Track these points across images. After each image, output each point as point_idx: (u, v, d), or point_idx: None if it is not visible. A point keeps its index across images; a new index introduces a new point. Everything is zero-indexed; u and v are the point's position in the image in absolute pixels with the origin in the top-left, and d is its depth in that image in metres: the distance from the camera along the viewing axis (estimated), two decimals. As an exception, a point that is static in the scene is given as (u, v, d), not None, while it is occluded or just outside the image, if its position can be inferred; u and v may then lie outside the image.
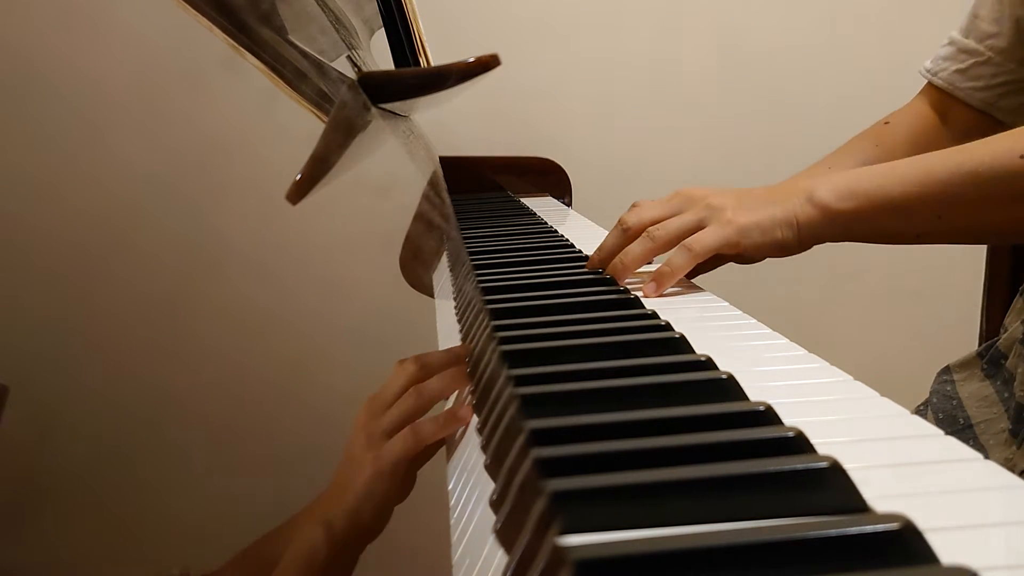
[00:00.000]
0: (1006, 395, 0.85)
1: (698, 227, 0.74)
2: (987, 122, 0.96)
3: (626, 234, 0.76)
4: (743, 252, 0.75)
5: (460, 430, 0.59)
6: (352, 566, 0.68)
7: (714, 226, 0.74)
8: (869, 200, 0.71)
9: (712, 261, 0.77)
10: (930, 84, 1.00)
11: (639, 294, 0.71)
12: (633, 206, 0.79)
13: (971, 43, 0.97)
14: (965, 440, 0.84)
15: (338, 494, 0.67)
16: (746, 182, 1.67)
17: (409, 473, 0.68)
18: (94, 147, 1.52)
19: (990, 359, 0.89)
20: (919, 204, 0.70)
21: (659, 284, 0.74)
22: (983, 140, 0.71)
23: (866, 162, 0.94)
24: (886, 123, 1.00)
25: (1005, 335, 0.88)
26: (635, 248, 0.75)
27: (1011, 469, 0.77)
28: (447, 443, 0.62)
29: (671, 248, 0.75)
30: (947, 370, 0.94)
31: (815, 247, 0.75)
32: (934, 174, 0.70)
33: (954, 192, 0.69)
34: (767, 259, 0.78)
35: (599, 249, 0.78)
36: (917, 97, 1.02)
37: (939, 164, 0.71)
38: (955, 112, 0.98)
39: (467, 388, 0.62)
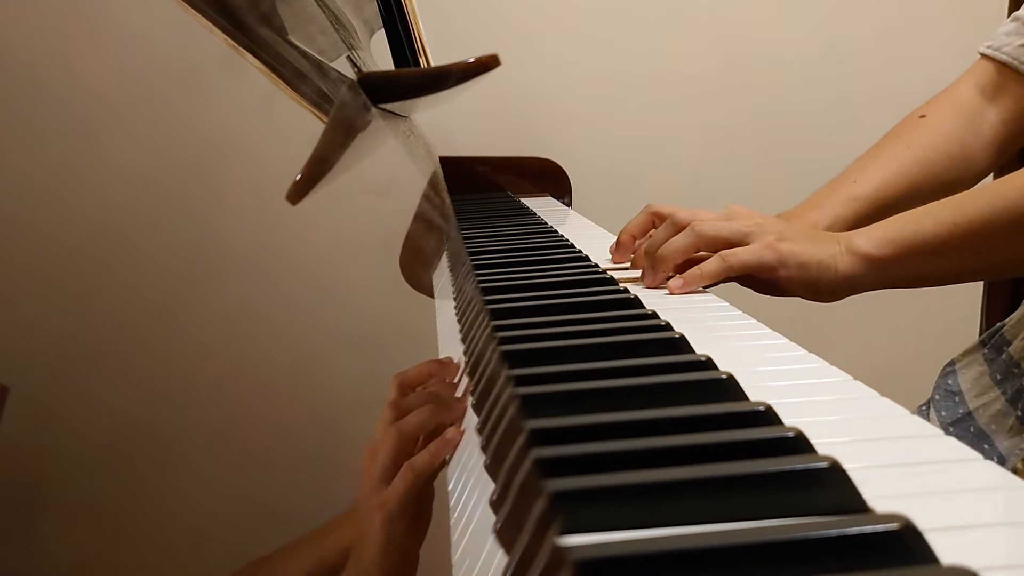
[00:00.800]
0: (999, 377, 0.85)
1: (741, 240, 0.75)
2: None
3: (676, 227, 0.78)
4: (776, 280, 0.75)
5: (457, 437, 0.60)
6: None
7: (756, 245, 0.75)
8: (907, 246, 0.73)
9: (744, 278, 0.78)
10: (987, 60, 0.98)
11: (638, 294, 0.71)
12: (681, 210, 0.81)
13: None
14: (965, 428, 0.85)
15: (359, 551, 0.68)
16: (746, 182, 1.68)
17: (422, 506, 0.68)
18: (93, 149, 1.52)
19: (993, 345, 0.89)
20: (956, 243, 0.72)
21: (686, 283, 0.74)
22: (1011, 175, 0.73)
23: (897, 170, 0.93)
24: (921, 117, 0.99)
25: (1012, 322, 0.88)
26: (679, 240, 0.76)
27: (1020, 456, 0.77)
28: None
29: (713, 249, 0.76)
30: (951, 363, 0.94)
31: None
32: (967, 212, 0.72)
33: (990, 227, 0.71)
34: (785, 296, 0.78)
35: (649, 241, 0.79)
36: (963, 77, 1.00)
37: (971, 202, 0.73)
38: (1013, 89, 0.96)
39: (454, 417, 0.62)
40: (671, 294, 0.74)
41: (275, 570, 0.86)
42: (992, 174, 1.04)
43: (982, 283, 1.12)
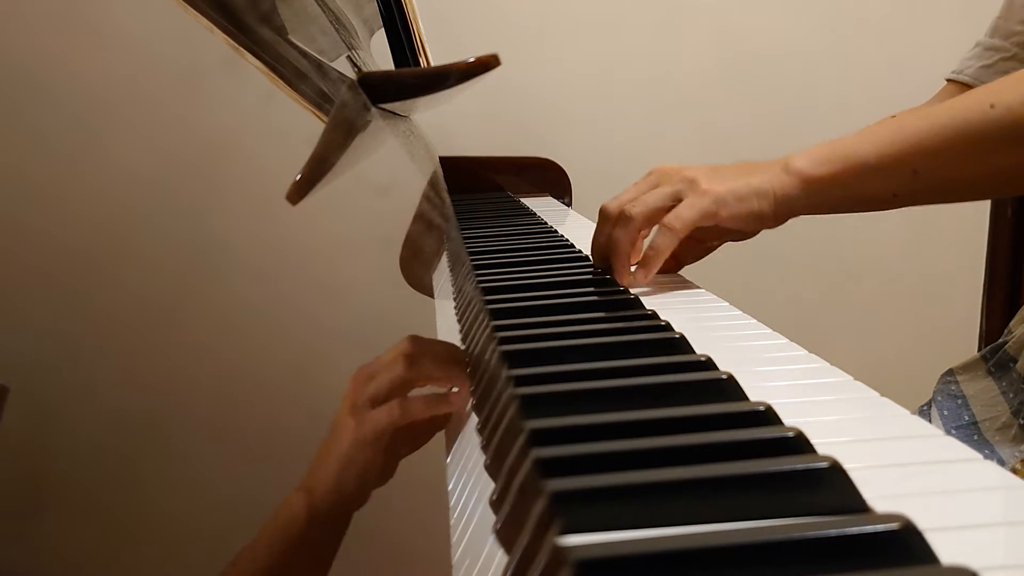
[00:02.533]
0: (1011, 395, 0.85)
1: (674, 200, 0.74)
2: None
3: (609, 220, 0.76)
4: (721, 222, 0.74)
5: (456, 430, 0.59)
6: (339, 536, 0.69)
7: (690, 198, 0.73)
8: (844, 163, 0.71)
9: (700, 244, 0.77)
10: (952, 83, 1.00)
11: (638, 294, 0.71)
12: (608, 202, 0.80)
13: (997, 41, 0.97)
14: (969, 436, 0.85)
15: (320, 461, 0.67)
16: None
17: (392, 453, 0.68)
18: (93, 149, 1.51)
19: (997, 362, 0.89)
20: (894, 162, 0.70)
21: (647, 268, 0.73)
22: (960, 95, 0.71)
23: None
24: (892, 117, 1.00)
25: (1013, 339, 0.88)
26: (618, 233, 0.75)
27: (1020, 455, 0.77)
28: (446, 441, 0.62)
29: (652, 224, 0.75)
30: (950, 372, 0.94)
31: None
32: (907, 130, 0.70)
33: (929, 146, 0.69)
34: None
35: (592, 247, 0.78)
36: (930, 102, 1.01)
37: (912, 121, 0.71)
38: None
39: (462, 383, 0.62)
40: (641, 284, 0.73)
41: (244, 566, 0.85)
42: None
43: (982, 283, 1.12)
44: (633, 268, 0.75)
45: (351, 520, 0.69)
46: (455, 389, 0.63)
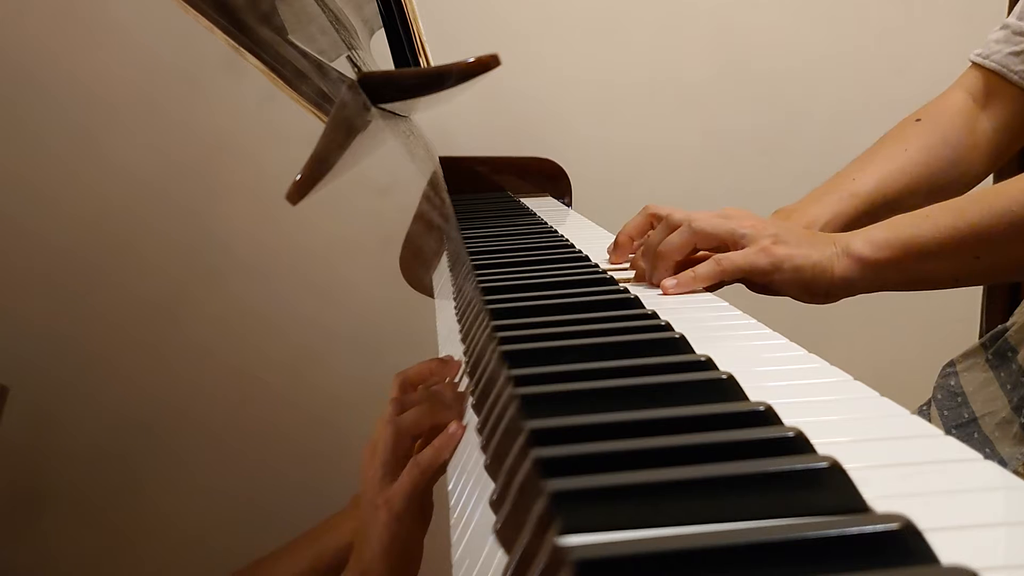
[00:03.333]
0: (1008, 387, 0.85)
1: (737, 242, 0.75)
2: None
3: (671, 227, 0.77)
4: (770, 283, 0.75)
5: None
6: None
7: (751, 248, 0.74)
8: (905, 249, 0.72)
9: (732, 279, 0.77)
10: (977, 68, 0.98)
11: (637, 294, 0.71)
12: (678, 210, 0.81)
13: None
14: (969, 434, 0.85)
15: (363, 549, 0.67)
16: (745, 183, 1.68)
17: (425, 501, 0.68)
18: (91, 150, 1.51)
19: (996, 351, 0.89)
20: (956, 249, 0.71)
21: (680, 285, 0.75)
22: (1011, 179, 0.72)
23: (895, 171, 0.93)
24: (917, 120, 0.99)
25: (1015, 328, 0.88)
26: (675, 237, 0.76)
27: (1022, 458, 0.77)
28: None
29: (709, 246, 0.76)
30: (951, 364, 0.94)
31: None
32: (967, 216, 0.71)
33: (988, 231, 0.71)
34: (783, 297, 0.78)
35: (646, 242, 0.79)
36: (955, 85, 1.00)
37: (970, 206, 0.72)
38: (1003, 97, 0.97)
39: (445, 414, 0.62)
40: (665, 294, 0.74)
41: (271, 572, 0.86)
42: (992, 176, 1.04)
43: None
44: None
45: None
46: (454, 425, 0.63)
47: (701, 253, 0.78)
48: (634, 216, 0.88)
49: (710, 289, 0.77)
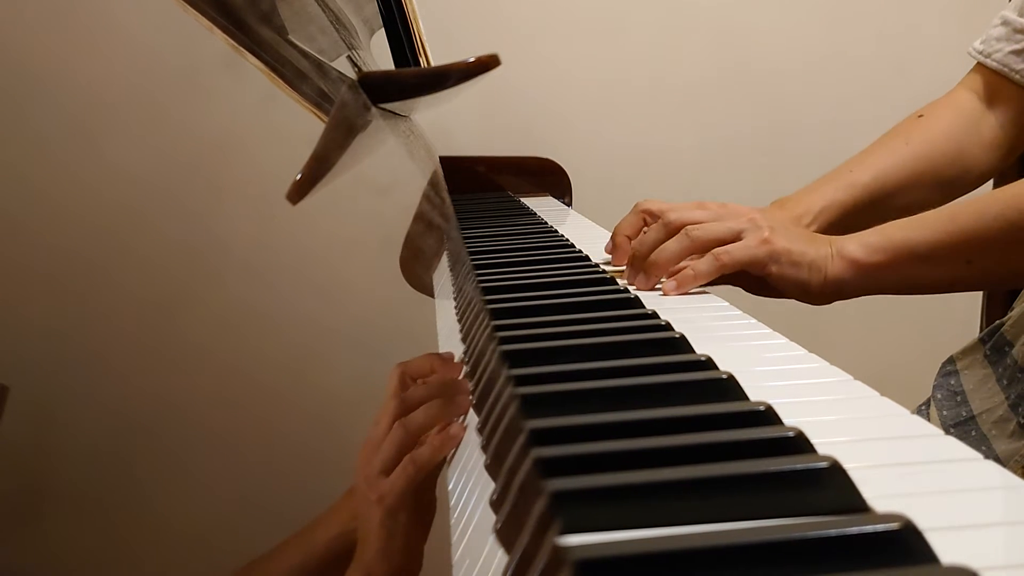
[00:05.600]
0: (1005, 382, 0.85)
1: (734, 238, 0.75)
2: None
3: (667, 229, 0.77)
4: (768, 276, 0.75)
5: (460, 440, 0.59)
6: None
7: (749, 241, 0.74)
8: (897, 252, 0.72)
9: (735, 277, 0.77)
10: (979, 67, 0.98)
11: (638, 294, 0.71)
12: (672, 209, 0.80)
13: None
14: (967, 432, 0.85)
15: (363, 549, 0.67)
16: (745, 182, 1.68)
17: (423, 499, 0.67)
18: (91, 150, 1.51)
19: (993, 345, 0.88)
20: (948, 253, 0.71)
21: (680, 284, 0.74)
22: (1008, 185, 0.72)
23: (895, 163, 0.93)
24: (920, 116, 0.99)
25: (1011, 321, 0.88)
26: (672, 245, 0.76)
27: (1020, 460, 0.77)
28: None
29: (706, 250, 0.75)
30: (951, 361, 0.93)
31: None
32: (959, 221, 0.71)
33: (982, 236, 0.70)
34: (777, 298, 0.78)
35: (639, 241, 0.78)
36: (959, 85, 1.00)
37: (963, 211, 0.72)
38: (1007, 96, 0.96)
39: (454, 414, 0.62)
40: (665, 294, 0.74)
41: (268, 569, 0.86)
42: (993, 181, 1.04)
43: (981, 284, 1.12)
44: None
45: None
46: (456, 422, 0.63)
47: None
48: (627, 214, 0.87)
49: (709, 284, 0.76)
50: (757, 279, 0.76)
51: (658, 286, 0.76)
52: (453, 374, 0.66)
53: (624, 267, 0.86)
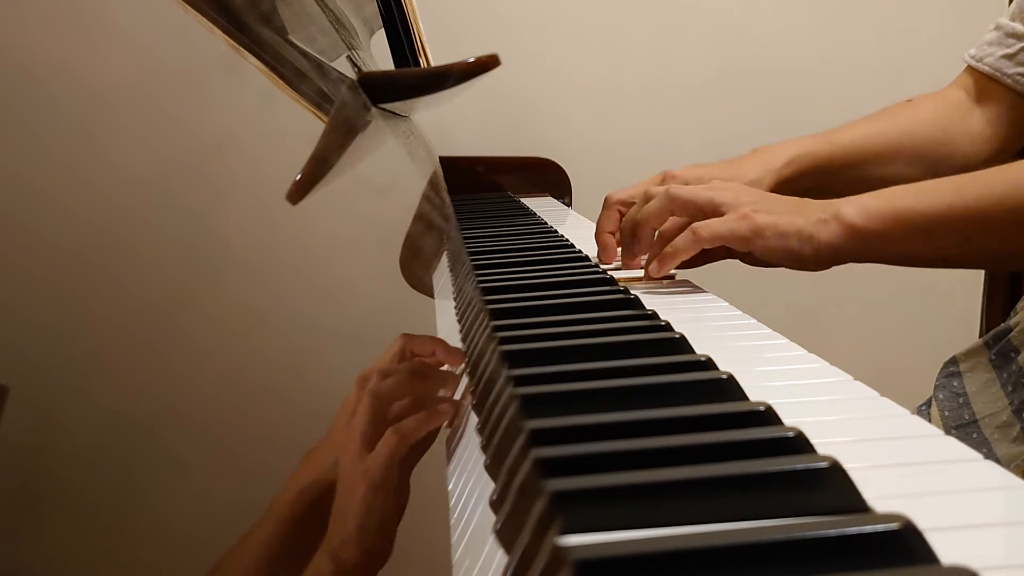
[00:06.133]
0: (1010, 388, 0.85)
1: (715, 210, 0.73)
2: None
3: (647, 199, 0.77)
4: (753, 251, 0.73)
5: (456, 431, 0.59)
6: None
7: (729, 216, 0.72)
8: (896, 220, 0.70)
9: (722, 252, 0.76)
10: (971, 70, 0.98)
11: (638, 294, 0.71)
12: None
13: (1020, 27, 0.94)
14: (968, 435, 0.84)
15: (337, 527, 0.66)
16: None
17: (401, 478, 0.67)
18: (89, 151, 1.51)
19: (999, 351, 0.88)
20: (948, 225, 0.69)
21: (661, 264, 0.73)
22: (1016, 163, 0.70)
23: (877, 131, 0.94)
24: (909, 101, 0.99)
25: (1017, 329, 0.88)
26: (653, 204, 0.75)
27: (1022, 465, 0.77)
28: (446, 442, 0.62)
29: (687, 213, 0.74)
30: (953, 361, 0.93)
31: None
32: (964, 195, 0.69)
33: (984, 214, 0.68)
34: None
35: (625, 219, 0.78)
36: (950, 85, 1.00)
37: (969, 185, 0.70)
38: (996, 99, 0.96)
39: (430, 390, 0.61)
40: (652, 278, 0.74)
41: (241, 551, 0.84)
42: None
43: (982, 283, 1.12)
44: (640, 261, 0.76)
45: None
46: (448, 397, 0.63)
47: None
48: (601, 212, 0.87)
49: (698, 264, 0.75)
50: (746, 253, 0.75)
51: (659, 283, 0.76)
52: (453, 363, 0.65)
53: (631, 272, 0.86)
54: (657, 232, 0.76)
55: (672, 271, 0.76)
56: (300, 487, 0.76)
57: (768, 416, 0.39)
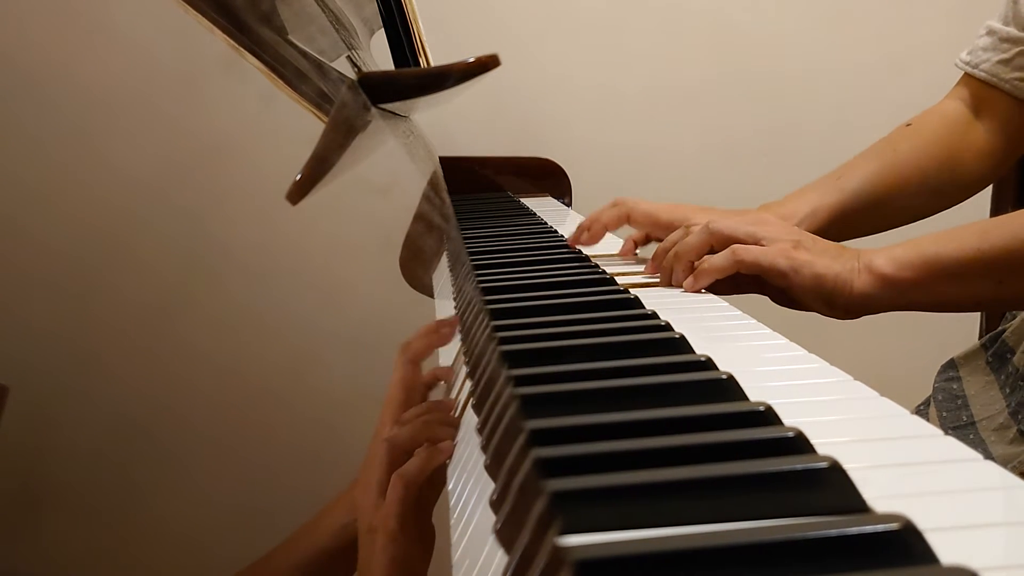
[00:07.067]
0: (1007, 390, 0.85)
1: (755, 243, 0.74)
2: None
3: (692, 231, 0.77)
4: (789, 287, 0.73)
5: (455, 442, 0.59)
6: None
7: (771, 248, 0.73)
8: (928, 269, 0.70)
9: (753, 285, 0.76)
10: (967, 77, 0.98)
11: (638, 294, 0.71)
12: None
13: (1014, 31, 0.93)
14: (966, 436, 0.84)
15: (364, 572, 0.66)
16: (746, 182, 1.68)
17: (421, 521, 0.66)
18: (90, 152, 1.51)
19: (995, 352, 0.88)
20: (979, 271, 0.70)
21: (696, 279, 0.73)
22: None
23: (883, 168, 0.93)
24: (908, 124, 0.99)
25: (1012, 328, 0.88)
26: (693, 238, 0.75)
27: (1018, 467, 0.77)
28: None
29: (724, 247, 0.74)
30: (951, 364, 0.93)
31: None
32: (991, 239, 0.69)
33: (1013, 258, 0.69)
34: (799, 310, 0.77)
35: (663, 247, 0.78)
36: (947, 97, 1.00)
37: (996, 228, 0.70)
38: (995, 106, 0.96)
39: (442, 432, 0.61)
40: (685, 290, 0.74)
41: (273, 567, 0.85)
42: (992, 188, 1.04)
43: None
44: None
45: None
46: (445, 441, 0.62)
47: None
48: (606, 207, 0.87)
49: (724, 292, 0.74)
50: (781, 289, 0.75)
51: (658, 289, 0.76)
52: (447, 336, 0.65)
53: (622, 267, 0.86)
54: (675, 252, 0.76)
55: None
56: (348, 519, 0.77)
57: (768, 416, 0.39)
